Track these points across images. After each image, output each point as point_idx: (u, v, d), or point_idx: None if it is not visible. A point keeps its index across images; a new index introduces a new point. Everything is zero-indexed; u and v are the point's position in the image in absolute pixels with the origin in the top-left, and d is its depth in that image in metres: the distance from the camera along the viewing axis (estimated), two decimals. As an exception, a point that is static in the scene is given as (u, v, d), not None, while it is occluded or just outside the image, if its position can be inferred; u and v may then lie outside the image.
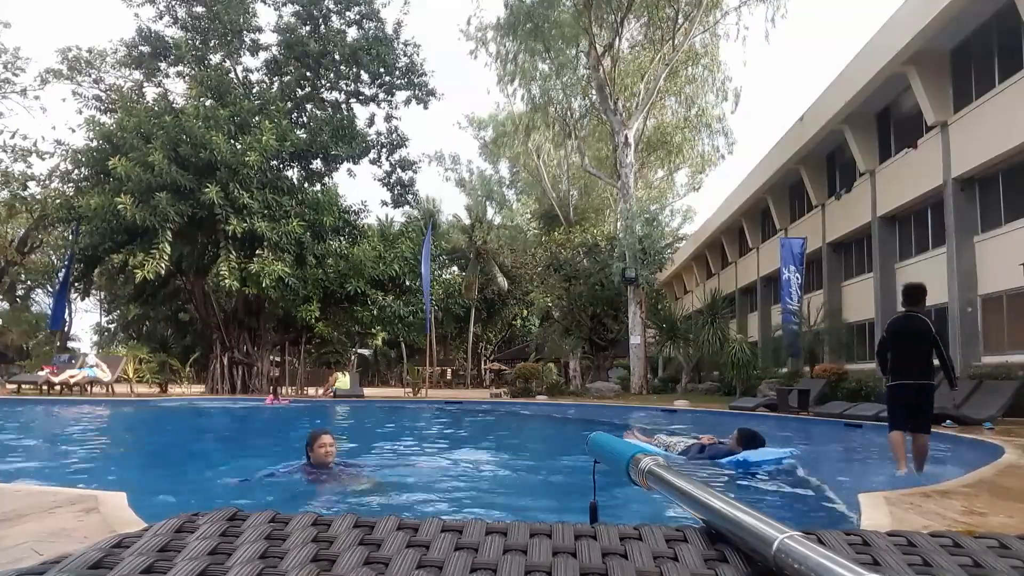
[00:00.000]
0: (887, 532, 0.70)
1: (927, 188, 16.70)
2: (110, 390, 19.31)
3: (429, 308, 21.52)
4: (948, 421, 10.99)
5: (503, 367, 42.62)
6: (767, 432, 10.74)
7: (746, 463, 6.51)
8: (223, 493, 5.45)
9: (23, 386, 19.32)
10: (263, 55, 24.17)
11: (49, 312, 25.97)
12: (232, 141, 19.29)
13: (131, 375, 21.21)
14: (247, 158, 18.57)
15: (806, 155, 22.73)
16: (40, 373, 18.83)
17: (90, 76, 24.29)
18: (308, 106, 24.60)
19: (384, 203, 25.82)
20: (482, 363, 48.07)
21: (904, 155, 18.01)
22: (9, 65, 26.64)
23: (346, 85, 24.60)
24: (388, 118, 25.02)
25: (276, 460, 5.84)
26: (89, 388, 18.68)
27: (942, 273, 16.12)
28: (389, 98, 24.81)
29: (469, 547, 0.67)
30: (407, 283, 22.86)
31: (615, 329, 29.63)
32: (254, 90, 23.64)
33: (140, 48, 22.55)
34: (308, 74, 24.11)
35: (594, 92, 27.28)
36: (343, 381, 21.76)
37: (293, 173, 22.96)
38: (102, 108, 22.90)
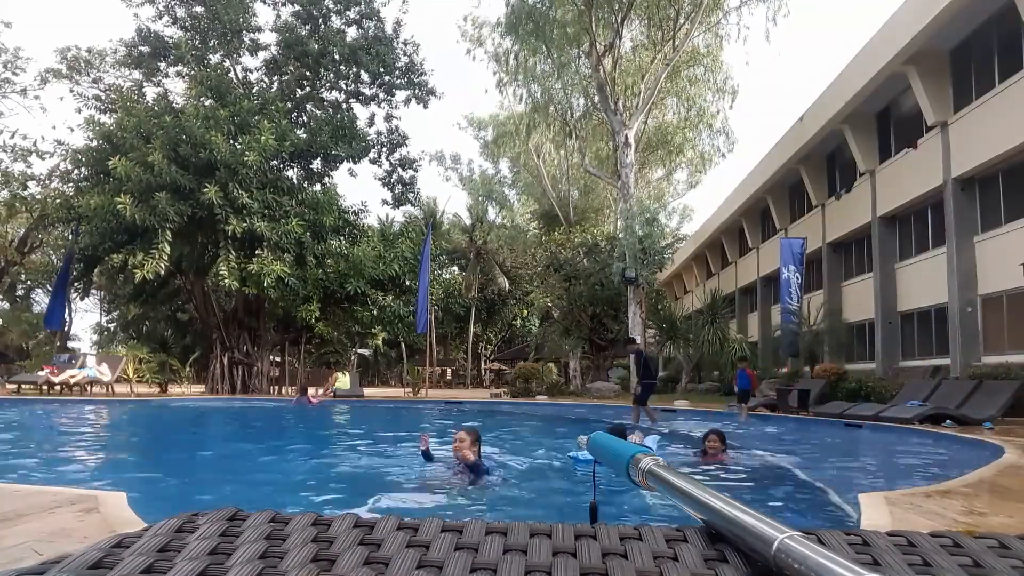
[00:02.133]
0: (887, 532, 0.70)
1: (927, 188, 16.71)
2: (110, 390, 19.31)
3: (426, 308, 21.48)
4: (948, 421, 11.00)
5: (503, 367, 42.62)
6: (767, 431, 10.75)
7: (575, 460, 6.50)
8: (224, 492, 5.45)
9: (23, 386, 19.32)
10: (262, 55, 24.16)
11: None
12: (232, 141, 19.28)
13: (131, 375, 21.21)
14: (246, 158, 18.56)
15: (806, 155, 22.73)
16: (40, 373, 18.83)
17: (89, 76, 24.27)
18: (308, 106, 24.59)
19: (384, 202, 25.81)
20: (482, 363, 48.05)
21: (904, 155, 18.01)
22: (9, 65, 26.63)
23: (346, 85, 24.58)
24: (388, 118, 25.03)
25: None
26: (89, 388, 18.68)
27: (942, 273, 16.12)
28: (389, 98, 24.79)
29: (469, 547, 0.67)
30: (407, 283, 22.86)
31: (615, 329, 29.64)
32: (254, 90, 23.62)
33: (140, 48, 22.53)
34: (308, 74, 24.09)
35: (595, 92, 27.28)
36: (343, 381, 21.77)
37: (293, 173, 22.96)
38: (102, 108, 22.88)
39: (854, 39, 30.45)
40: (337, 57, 23.53)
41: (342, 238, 22.86)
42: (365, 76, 24.32)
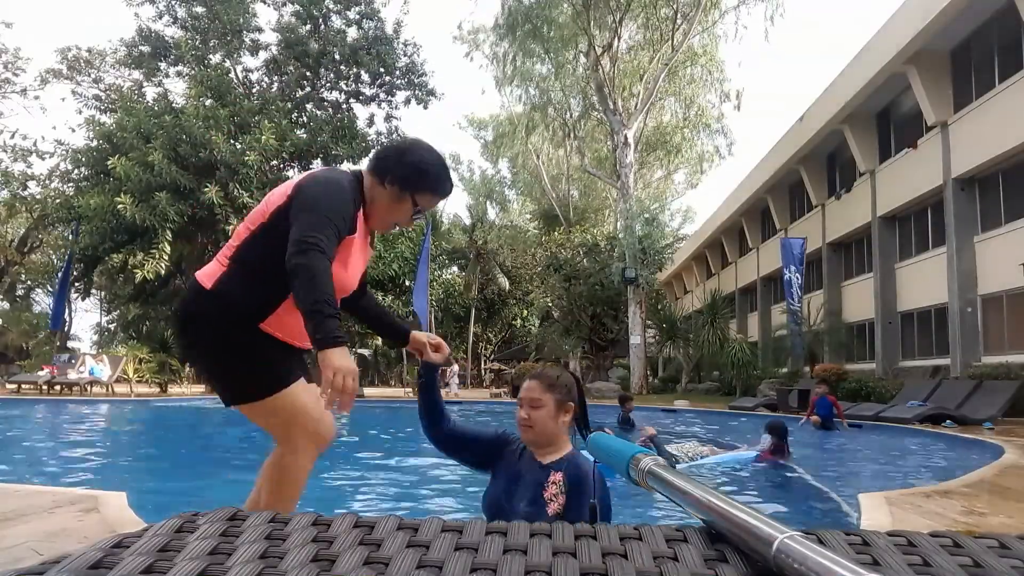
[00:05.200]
0: (887, 532, 0.70)
1: (927, 188, 16.72)
2: (110, 390, 19.31)
3: (426, 308, 21.43)
4: (948, 421, 11.00)
5: (503, 367, 42.60)
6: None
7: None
8: (224, 492, 5.45)
9: (23, 386, 19.32)
10: (263, 55, 24.18)
11: (49, 312, 25.93)
12: (232, 141, 19.28)
13: (131, 375, 21.20)
14: (247, 158, 18.56)
15: (806, 155, 22.74)
16: (40, 373, 18.83)
17: (90, 76, 24.28)
18: (308, 106, 24.58)
19: (384, 203, 25.79)
20: (482, 363, 48.05)
21: (904, 155, 18.02)
22: (9, 65, 26.63)
23: (346, 85, 24.58)
24: (388, 118, 25.03)
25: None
26: (89, 388, 18.68)
27: (942, 273, 16.13)
28: (389, 98, 24.79)
29: (469, 547, 0.67)
30: (406, 283, 22.85)
31: (615, 329, 29.63)
32: (254, 90, 23.62)
33: (140, 48, 22.54)
34: (308, 74, 24.10)
35: (593, 92, 27.28)
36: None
37: (293, 173, 22.95)
38: (102, 108, 22.88)
39: (855, 39, 30.51)
40: (337, 57, 23.52)
41: (342, 238, 22.84)
42: (365, 76, 24.33)
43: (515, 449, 2.15)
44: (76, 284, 22.55)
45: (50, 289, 31.13)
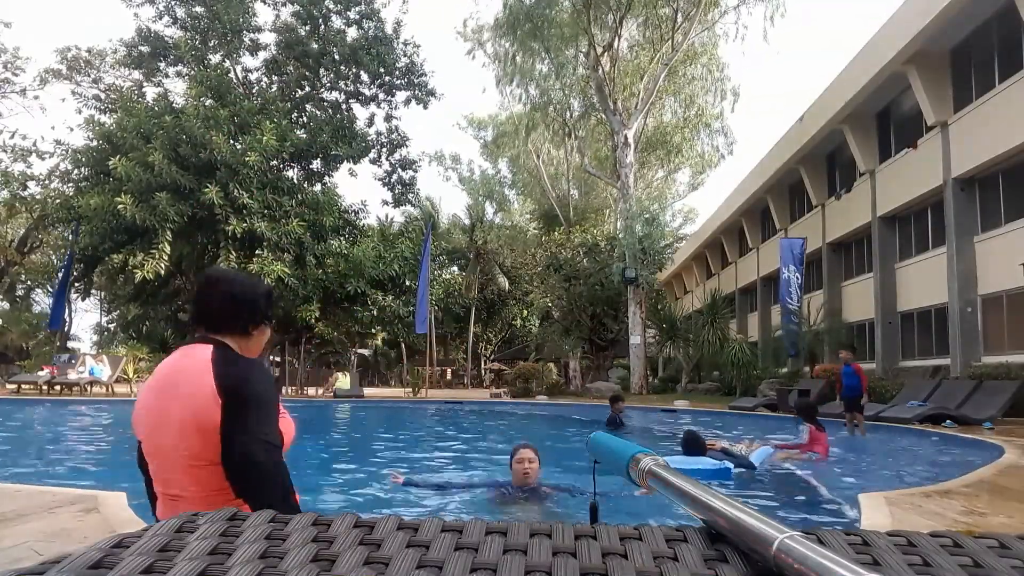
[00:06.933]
0: (887, 532, 0.70)
1: (927, 188, 16.72)
2: (110, 390, 19.32)
3: (426, 308, 21.44)
4: (948, 421, 11.01)
5: (503, 367, 42.61)
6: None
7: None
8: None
9: (23, 386, 19.32)
10: (262, 55, 24.17)
11: (49, 312, 25.92)
12: (232, 141, 19.28)
13: (131, 375, 21.21)
14: (247, 158, 18.56)
15: (806, 155, 22.73)
16: (41, 373, 18.83)
17: (89, 76, 24.26)
18: (308, 106, 24.58)
19: (385, 203, 25.81)
20: (482, 363, 48.04)
21: (904, 155, 18.01)
22: (9, 65, 26.62)
23: (346, 85, 24.57)
24: (388, 118, 25.03)
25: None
26: (89, 388, 18.69)
27: (942, 273, 16.13)
28: (389, 98, 24.79)
29: (469, 547, 0.67)
30: (407, 283, 22.85)
31: (615, 329, 29.63)
32: (254, 90, 23.60)
33: (140, 48, 22.53)
34: (308, 74, 24.08)
35: (593, 92, 27.29)
36: (343, 381, 21.77)
37: (293, 173, 22.94)
38: (102, 108, 22.88)
39: (856, 35, 30.50)
40: (337, 57, 23.52)
41: (342, 238, 22.84)
42: (365, 76, 24.32)
43: None
44: (76, 284, 22.54)
45: (50, 289, 31.14)
